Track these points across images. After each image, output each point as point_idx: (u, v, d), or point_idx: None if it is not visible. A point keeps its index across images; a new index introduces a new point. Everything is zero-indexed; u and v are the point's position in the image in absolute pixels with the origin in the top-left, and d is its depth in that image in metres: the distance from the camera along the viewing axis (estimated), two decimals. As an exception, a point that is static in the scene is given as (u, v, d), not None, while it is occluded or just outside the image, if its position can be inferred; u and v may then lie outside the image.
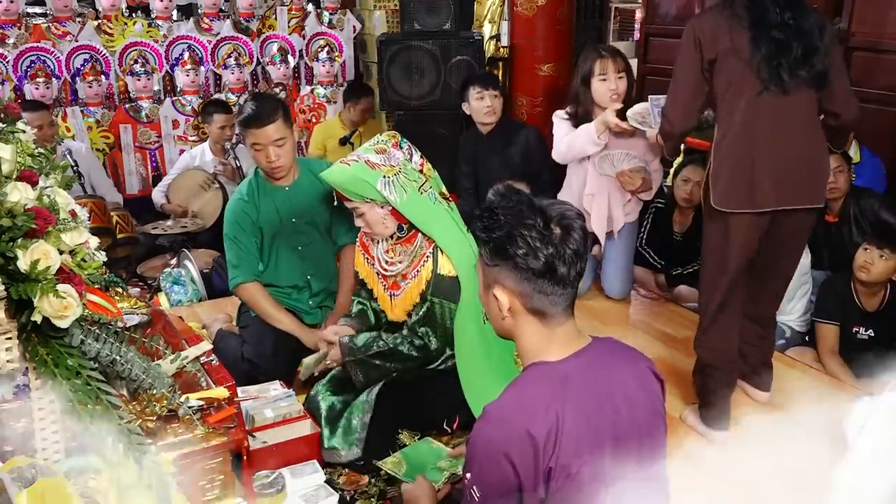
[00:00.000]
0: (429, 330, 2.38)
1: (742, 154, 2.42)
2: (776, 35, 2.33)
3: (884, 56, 4.62)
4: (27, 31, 4.93)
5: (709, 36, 2.41)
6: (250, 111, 2.74)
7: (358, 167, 2.31)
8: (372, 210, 2.35)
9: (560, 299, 1.41)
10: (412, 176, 2.35)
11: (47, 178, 1.52)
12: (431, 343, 2.39)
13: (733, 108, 2.42)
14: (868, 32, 4.70)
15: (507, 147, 3.93)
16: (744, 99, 2.40)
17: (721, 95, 2.45)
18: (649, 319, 3.58)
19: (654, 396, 1.48)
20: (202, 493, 1.65)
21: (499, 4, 5.46)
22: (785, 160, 2.41)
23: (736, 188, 2.42)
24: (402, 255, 2.42)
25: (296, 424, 2.33)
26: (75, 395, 1.37)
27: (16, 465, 1.35)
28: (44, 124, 4.19)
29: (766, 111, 2.38)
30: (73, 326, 1.40)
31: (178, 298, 3.67)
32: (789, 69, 2.35)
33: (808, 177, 2.46)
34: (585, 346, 1.45)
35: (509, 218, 1.38)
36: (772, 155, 2.40)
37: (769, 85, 2.36)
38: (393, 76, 4.73)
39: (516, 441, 1.32)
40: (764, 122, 2.39)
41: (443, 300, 2.34)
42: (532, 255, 1.36)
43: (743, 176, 2.41)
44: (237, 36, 5.37)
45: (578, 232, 1.39)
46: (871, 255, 2.98)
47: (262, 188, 2.88)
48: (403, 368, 2.43)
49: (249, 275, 2.87)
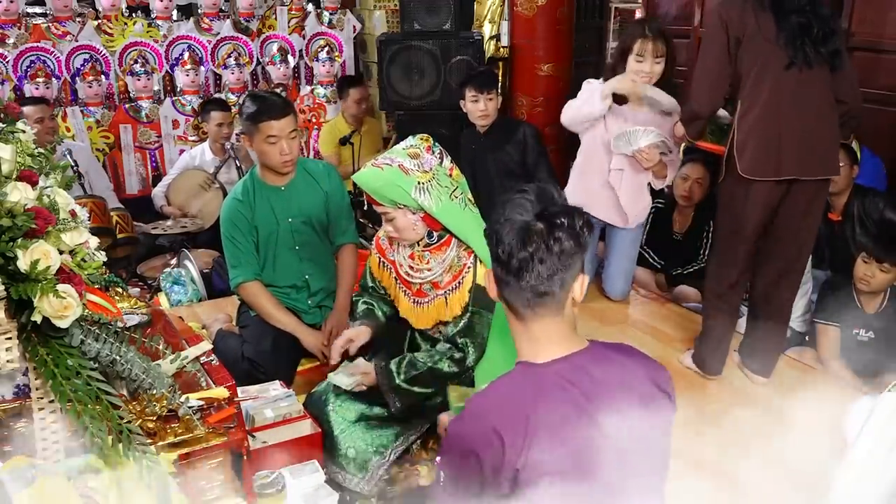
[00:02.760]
0: (468, 341, 2.28)
1: (769, 126, 2.62)
2: (797, 18, 2.57)
3: (884, 56, 4.62)
4: (27, 31, 4.93)
5: (735, 19, 2.63)
6: (263, 105, 2.73)
7: (392, 172, 2.21)
8: (404, 216, 2.26)
9: (528, 299, 1.38)
10: (444, 182, 2.27)
11: (47, 178, 1.52)
12: (469, 355, 2.28)
13: (760, 84, 2.62)
14: (868, 32, 4.70)
15: (504, 145, 3.93)
16: (770, 74, 2.61)
17: (746, 73, 2.65)
18: (649, 319, 3.58)
19: (651, 413, 1.41)
20: (202, 493, 1.65)
21: (499, 4, 5.46)
22: (807, 132, 2.61)
23: (763, 158, 2.63)
24: (431, 263, 2.32)
25: (296, 424, 2.33)
26: (75, 395, 1.37)
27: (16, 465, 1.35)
28: (44, 117, 4.21)
29: (790, 86, 2.60)
30: (73, 326, 1.40)
31: (178, 298, 3.67)
32: (813, 46, 2.57)
33: (826, 148, 2.68)
34: (576, 350, 1.42)
35: (506, 210, 1.38)
36: (796, 126, 2.61)
37: (795, 61, 2.58)
38: (393, 76, 4.73)
39: (484, 440, 1.32)
40: (788, 96, 2.60)
41: (482, 310, 2.26)
42: (505, 253, 1.36)
43: (770, 146, 2.62)
44: (237, 36, 5.38)
45: (564, 230, 1.34)
46: (871, 268, 2.96)
47: (257, 188, 2.88)
48: (439, 388, 2.30)
49: (250, 274, 2.87)
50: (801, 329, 3.39)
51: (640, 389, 1.41)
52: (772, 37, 2.59)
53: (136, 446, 1.38)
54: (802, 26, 2.57)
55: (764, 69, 2.62)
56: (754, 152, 2.64)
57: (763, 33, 2.59)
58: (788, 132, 2.61)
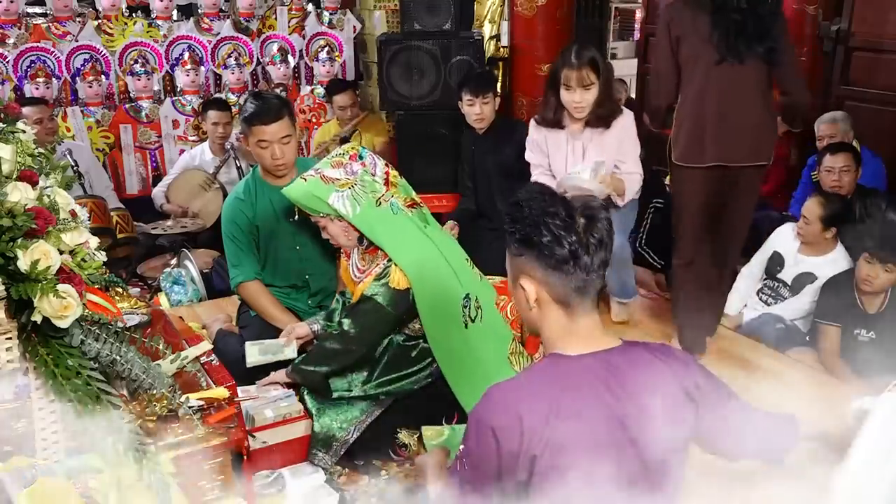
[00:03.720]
0: (350, 322, 2.38)
1: (697, 116, 2.90)
2: (734, 17, 2.79)
3: (884, 56, 4.62)
4: (27, 31, 4.93)
5: (677, 19, 2.93)
6: (257, 108, 2.73)
7: (312, 182, 2.38)
8: (331, 223, 2.43)
9: (584, 288, 1.42)
10: (370, 188, 2.38)
11: (47, 178, 1.52)
12: (345, 328, 2.39)
13: (693, 78, 2.90)
14: (868, 32, 4.70)
15: (502, 145, 3.93)
16: (701, 69, 2.87)
17: (684, 68, 2.93)
18: (649, 319, 3.58)
19: (676, 420, 1.42)
20: (202, 493, 1.65)
21: (499, 4, 5.46)
22: (733, 122, 2.86)
23: (691, 146, 2.92)
24: (369, 265, 2.46)
25: (296, 424, 2.33)
26: (75, 395, 1.37)
27: (16, 465, 1.35)
28: (44, 118, 4.20)
29: (718, 79, 2.85)
30: (73, 326, 1.40)
31: (178, 298, 3.67)
32: (745, 43, 2.80)
33: (756, 137, 2.91)
34: (611, 347, 1.44)
35: (534, 209, 1.40)
36: (720, 117, 2.86)
37: (725, 56, 2.81)
38: (393, 76, 4.72)
39: (505, 420, 1.34)
40: (715, 88, 2.85)
41: (378, 302, 2.35)
42: (556, 242, 1.38)
43: (697, 135, 2.91)
44: (237, 36, 5.37)
45: (602, 222, 1.41)
46: (874, 268, 2.96)
47: (259, 188, 2.88)
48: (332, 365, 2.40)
49: (251, 273, 2.88)
50: (802, 329, 3.39)
51: (668, 393, 1.42)
52: (706, 35, 2.82)
53: (136, 446, 1.38)
54: (736, 24, 2.79)
55: (697, 64, 2.88)
56: (685, 141, 2.94)
57: (699, 32, 2.84)
58: (713, 122, 2.86)
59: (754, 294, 3.59)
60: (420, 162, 4.53)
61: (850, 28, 4.76)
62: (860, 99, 4.78)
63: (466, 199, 4.12)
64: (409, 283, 2.33)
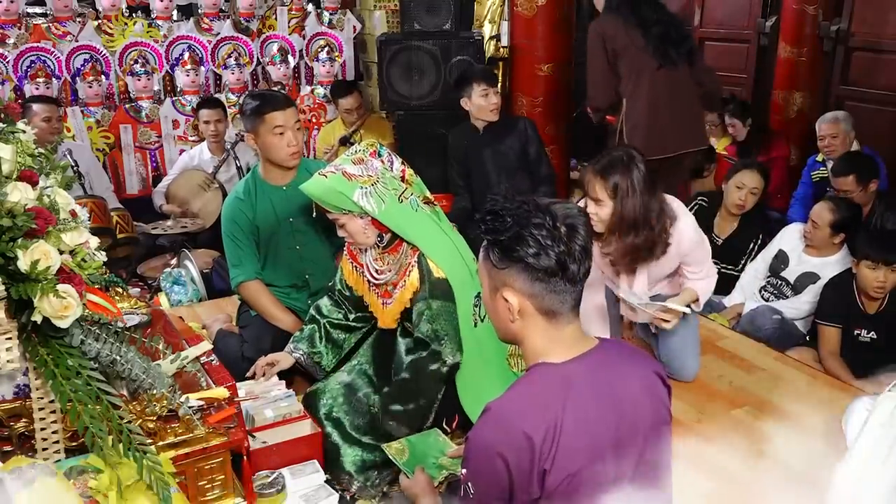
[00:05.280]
0: (438, 329, 2.28)
1: (653, 115, 3.51)
2: (658, 29, 3.44)
3: (884, 56, 4.63)
4: (27, 31, 4.93)
5: (611, 34, 3.51)
6: (266, 98, 2.79)
7: (335, 179, 2.31)
8: (352, 221, 2.34)
9: (569, 297, 1.40)
10: (391, 185, 2.34)
11: (47, 178, 1.52)
12: (445, 346, 2.28)
13: (640, 84, 3.51)
14: (868, 32, 4.70)
15: (501, 141, 3.93)
16: (646, 76, 3.49)
17: (627, 76, 3.53)
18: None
19: (659, 403, 1.46)
20: (202, 493, 1.65)
21: (499, 4, 5.46)
22: (680, 117, 3.51)
23: (652, 140, 3.41)
24: (390, 265, 2.40)
25: (296, 424, 2.33)
26: (75, 395, 1.37)
27: (16, 465, 1.35)
28: (52, 117, 4.21)
29: (662, 83, 3.48)
30: (73, 326, 1.40)
31: (178, 298, 3.67)
32: (674, 49, 3.44)
33: (693, 127, 3.65)
34: (591, 348, 1.44)
35: (516, 219, 1.36)
36: (671, 114, 3.49)
37: (662, 62, 3.45)
38: (393, 76, 4.72)
39: (513, 442, 1.32)
40: (662, 91, 3.49)
41: (443, 302, 2.30)
42: (543, 253, 1.35)
43: (656, 132, 3.49)
44: (237, 36, 5.37)
45: (583, 229, 1.39)
46: (881, 272, 2.94)
47: (259, 187, 2.88)
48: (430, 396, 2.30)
49: (251, 273, 2.88)
50: (803, 329, 3.39)
51: (648, 380, 1.46)
52: (641, 46, 3.45)
53: (136, 446, 1.38)
54: (663, 35, 3.43)
55: (641, 72, 3.50)
56: (644, 138, 3.41)
57: (634, 45, 3.46)
58: (666, 119, 3.48)
59: (757, 291, 3.59)
60: (420, 162, 4.52)
61: (850, 28, 4.75)
62: (860, 99, 4.78)
63: (461, 197, 4.12)
64: (444, 272, 2.31)
